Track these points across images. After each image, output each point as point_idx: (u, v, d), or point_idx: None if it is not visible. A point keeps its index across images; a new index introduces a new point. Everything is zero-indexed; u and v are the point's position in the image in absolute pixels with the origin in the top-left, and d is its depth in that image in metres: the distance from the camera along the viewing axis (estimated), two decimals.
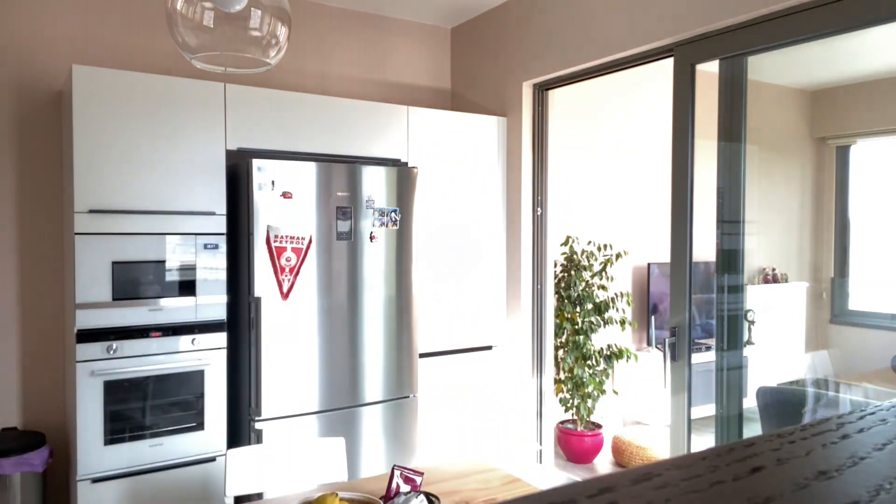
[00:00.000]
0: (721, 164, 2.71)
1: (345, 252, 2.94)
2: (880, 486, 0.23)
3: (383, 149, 3.26)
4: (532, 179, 3.57)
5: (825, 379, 3.57)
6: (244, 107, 2.91)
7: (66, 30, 3.05)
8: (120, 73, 2.68)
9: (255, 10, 1.57)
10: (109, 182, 2.62)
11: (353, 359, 2.98)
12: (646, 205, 4.72)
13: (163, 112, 2.72)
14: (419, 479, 1.89)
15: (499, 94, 3.69)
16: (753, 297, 3.76)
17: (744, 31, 2.48)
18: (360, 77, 3.80)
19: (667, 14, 2.71)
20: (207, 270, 2.79)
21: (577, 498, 0.22)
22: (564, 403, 4.13)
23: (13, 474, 2.64)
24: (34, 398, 3.01)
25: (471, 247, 3.51)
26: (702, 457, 0.26)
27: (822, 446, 0.27)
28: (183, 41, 1.58)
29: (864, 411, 0.32)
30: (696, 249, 2.76)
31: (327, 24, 3.69)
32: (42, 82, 3.01)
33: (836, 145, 3.94)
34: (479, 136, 3.55)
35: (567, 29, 3.21)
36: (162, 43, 3.18)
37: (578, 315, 4.11)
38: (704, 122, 2.72)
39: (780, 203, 3.97)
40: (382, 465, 3.02)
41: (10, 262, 2.96)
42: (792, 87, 4.01)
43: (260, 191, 2.74)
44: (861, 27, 2.24)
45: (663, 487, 0.23)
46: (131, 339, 2.65)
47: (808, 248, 4.07)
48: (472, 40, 3.93)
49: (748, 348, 3.22)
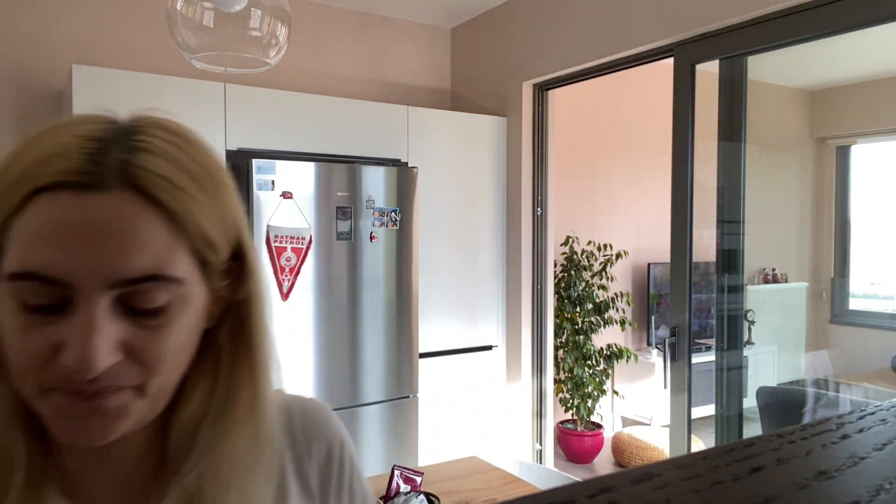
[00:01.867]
0: (721, 164, 2.71)
1: (345, 252, 2.94)
2: (880, 486, 0.23)
3: (383, 149, 3.26)
4: (532, 179, 3.57)
5: (825, 379, 3.57)
6: (244, 107, 2.91)
7: (66, 30, 3.05)
8: (120, 73, 2.68)
9: (255, 10, 1.57)
10: None
11: (353, 358, 2.98)
12: (646, 205, 4.72)
13: (163, 112, 2.72)
14: (419, 479, 1.89)
15: (499, 94, 3.69)
16: (753, 297, 3.76)
17: (744, 31, 2.48)
18: (359, 77, 3.80)
19: (667, 14, 2.71)
20: None
21: (577, 498, 0.22)
22: (564, 403, 4.13)
23: None
24: None
25: (471, 247, 3.51)
26: (702, 457, 0.26)
27: (822, 446, 0.27)
28: (183, 41, 1.58)
29: (864, 411, 0.32)
30: (696, 249, 2.76)
31: (327, 24, 3.69)
32: (42, 82, 3.01)
33: (836, 145, 3.94)
34: (479, 136, 3.55)
35: (567, 29, 3.21)
36: (162, 43, 3.18)
37: (578, 315, 4.11)
38: (704, 122, 2.72)
39: (780, 203, 3.97)
40: (382, 465, 3.02)
41: None
42: (792, 87, 4.01)
43: (260, 191, 2.74)
44: (861, 27, 2.24)
45: (663, 487, 0.23)
46: None
47: (808, 248, 4.08)
48: (472, 40, 3.93)
49: (748, 348, 3.22)
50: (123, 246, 0.46)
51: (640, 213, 4.73)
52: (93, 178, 0.46)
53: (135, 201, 0.47)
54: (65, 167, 0.46)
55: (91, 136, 0.49)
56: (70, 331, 0.46)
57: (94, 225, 0.46)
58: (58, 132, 0.49)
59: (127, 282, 0.47)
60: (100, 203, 0.46)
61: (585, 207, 4.55)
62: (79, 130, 0.49)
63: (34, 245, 0.46)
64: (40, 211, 0.46)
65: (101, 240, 0.46)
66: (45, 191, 0.46)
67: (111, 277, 0.46)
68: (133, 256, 0.47)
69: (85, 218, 0.46)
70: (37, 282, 0.46)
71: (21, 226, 0.46)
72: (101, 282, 0.46)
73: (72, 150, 0.47)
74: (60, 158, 0.47)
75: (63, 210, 0.46)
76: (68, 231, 0.45)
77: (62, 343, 0.46)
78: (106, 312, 0.47)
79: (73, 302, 0.47)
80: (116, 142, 0.49)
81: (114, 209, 0.46)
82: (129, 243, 0.47)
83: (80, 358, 0.45)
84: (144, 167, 0.48)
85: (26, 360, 0.47)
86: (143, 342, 0.49)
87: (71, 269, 0.45)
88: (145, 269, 0.47)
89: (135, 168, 0.48)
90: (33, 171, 0.46)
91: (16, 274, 0.46)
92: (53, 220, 0.45)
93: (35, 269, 0.45)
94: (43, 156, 0.47)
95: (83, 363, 0.45)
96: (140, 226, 0.47)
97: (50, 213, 0.46)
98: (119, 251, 0.46)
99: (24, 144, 0.49)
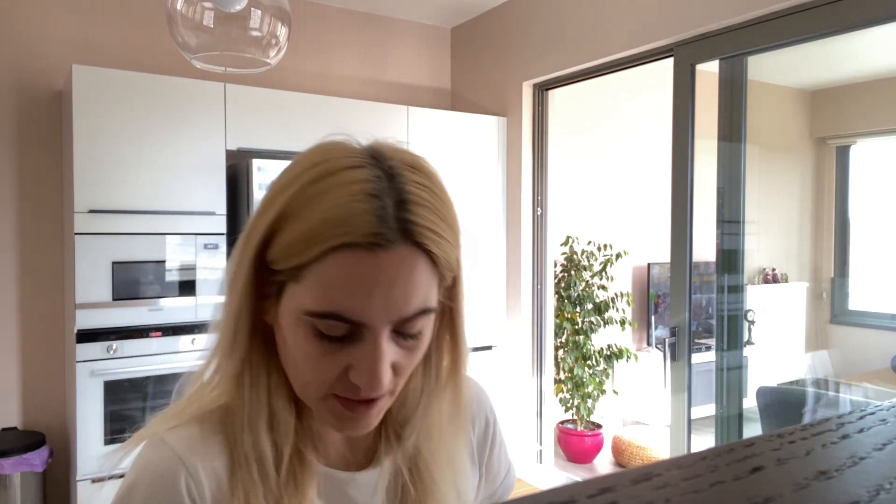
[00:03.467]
0: (721, 164, 2.71)
1: None
2: (880, 486, 0.23)
3: None
4: (532, 179, 3.57)
5: (825, 379, 3.57)
6: (244, 107, 2.91)
7: (66, 30, 3.05)
8: (120, 73, 2.68)
9: (255, 10, 1.57)
10: (109, 182, 2.62)
11: None
12: (646, 205, 4.72)
13: (163, 112, 2.72)
14: None
15: (499, 94, 3.69)
16: (753, 297, 3.76)
17: (744, 31, 2.48)
18: (360, 77, 3.80)
19: (667, 14, 2.71)
20: (207, 270, 2.79)
21: (577, 498, 0.22)
22: (564, 403, 4.13)
23: (13, 474, 2.64)
24: (34, 398, 3.01)
25: (471, 247, 3.51)
26: (702, 457, 0.26)
27: (822, 446, 0.27)
28: (183, 41, 1.58)
29: (864, 411, 0.32)
30: (696, 249, 2.76)
31: (327, 24, 3.69)
32: (42, 82, 3.01)
33: (836, 145, 3.94)
34: (479, 136, 3.55)
35: (567, 29, 3.21)
36: (162, 43, 3.18)
37: (578, 315, 4.11)
38: (704, 122, 2.72)
39: (780, 203, 3.97)
40: None
41: (10, 263, 2.96)
42: (792, 87, 4.01)
43: (260, 191, 2.74)
44: (861, 27, 2.24)
45: (663, 487, 0.23)
46: (131, 340, 2.65)
47: (808, 248, 4.07)
48: (472, 40, 3.93)
49: (748, 348, 3.22)
50: (405, 292, 0.59)
51: (640, 213, 4.72)
52: (381, 238, 0.57)
53: (411, 252, 0.59)
54: (358, 230, 0.57)
55: (369, 193, 0.58)
56: (359, 357, 0.60)
57: (385, 278, 0.58)
58: (338, 188, 0.58)
59: (406, 319, 0.60)
60: (388, 259, 0.58)
61: (585, 207, 4.55)
62: (356, 185, 0.58)
63: (335, 293, 0.58)
64: (338, 265, 0.57)
65: (389, 289, 0.58)
66: (342, 248, 0.57)
67: (395, 316, 0.59)
68: (412, 300, 0.60)
69: (378, 272, 0.58)
70: (337, 320, 0.58)
71: (318, 273, 0.58)
72: (388, 321, 0.59)
73: (359, 212, 0.57)
74: (353, 220, 0.57)
75: (359, 266, 0.57)
76: (364, 284, 0.58)
77: (351, 365, 0.60)
78: (386, 342, 0.60)
79: (359, 333, 0.59)
80: (388, 194, 0.59)
81: (399, 262, 0.58)
82: (409, 289, 0.59)
83: (371, 379, 0.59)
84: (417, 223, 0.59)
85: (318, 375, 0.61)
86: (403, 359, 0.62)
87: (366, 313, 0.58)
88: (418, 307, 0.60)
89: (412, 226, 0.59)
90: (329, 232, 0.57)
91: (321, 313, 0.58)
92: (352, 275, 0.57)
93: (338, 312, 0.58)
94: (339, 217, 0.57)
95: (374, 383, 0.59)
96: (416, 272, 0.59)
97: (348, 268, 0.57)
98: (402, 296, 0.59)
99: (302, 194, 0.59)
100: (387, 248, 0.58)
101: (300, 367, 0.62)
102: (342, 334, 0.59)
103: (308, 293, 0.59)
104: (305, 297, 0.59)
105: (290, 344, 0.62)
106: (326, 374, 0.61)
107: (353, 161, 0.60)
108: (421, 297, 0.60)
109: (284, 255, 0.59)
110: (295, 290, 0.60)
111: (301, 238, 0.58)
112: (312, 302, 0.58)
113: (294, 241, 0.58)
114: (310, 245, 0.57)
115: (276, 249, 0.60)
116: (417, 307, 0.60)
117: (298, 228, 0.58)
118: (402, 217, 0.58)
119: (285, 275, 0.60)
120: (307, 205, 0.58)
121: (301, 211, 0.58)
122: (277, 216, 0.59)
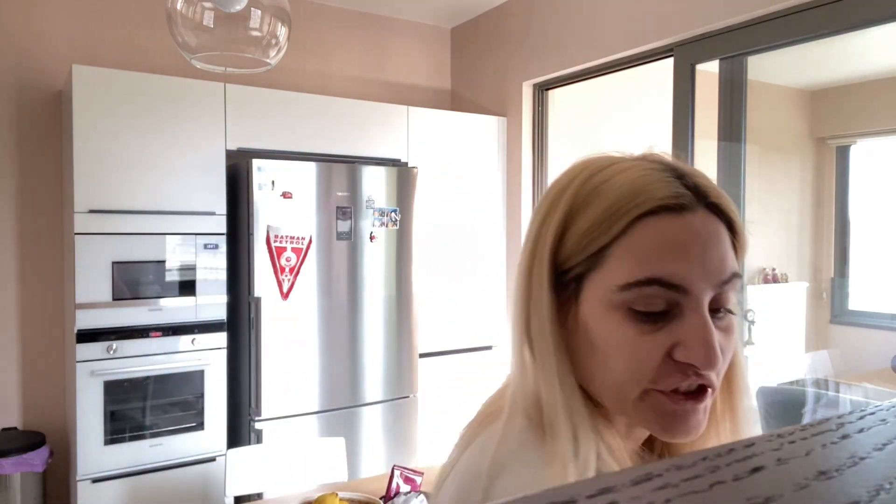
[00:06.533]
0: (721, 164, 2.71)
1: (345, 252, 2.94)
2: (880, 486, 0.23)
3: (383, 149, 3.26)
4: (532, 179, 3.57)
5: (825, 379, 3.57)
6: (244, 107, 2.91)
7: (66, 30, 3.05)
8: (120, 73, 2.68)
9: (255, 10, 1.57)
10: (109, 182, 2.62)
11: (353, 359, 2.98)
12: None
13: (163, 112, 2.72)
14: (419, 479, 1.89)
15: (499, 94, 3.69)
16: (753, 297, 3.76)
17: (744, 31, 2.48)
18: (359, 77, 3.80)
19: (667, 14, 2.71)
20: (207, 270, 2.79)
21: (577, 498, 0.22)
22: None
23: (13, 474, 2.64)
24: (34, 398, 3.01)
25: (471, 247, 3.51)
26: (702, 457, 0.26)
27: (822, 446, 0.27)
28: (183, 41, 1.58)
29: (864, 411, 0.32)
30: None
31: (327, 24, 3.69)
32: (42, 82, 3.01)
33: (836, 145, 3.94)
34: (479, 136, 3.55)
35: (567, 29, 3.21)
36: (162, 43, 3.18)
37: None
38: (704, 122, 2.72)
39: (780, 203, 3.97)
40: (382, 465, 3.02)
41: (10, 262, 2.96)
42: (792, 87, 4.01)
43: (260, 191, 2.74)
44: (861, 27, 2.24)
45: (663, 488, 0.23)
46: (131, 339, 2.65)
47: (808, 248, 4.07)
48: (472, 40, 3.93)
49: (748, 348, 3.22)
50: (719, 252, 0.57)
51: None
52: (685, 199, 0.56)
53: (712, 216, 0.57)
54: (663, 194, 0.56)
55: (658, 169, 0.58)
56: (686, 331, 0.55)
57: (699, 238, 0.56)
58: (622, 172, 0.58)
59: (723, 282, 0.56)
60: (697, 221, 0.56)
61: None
62: (639, 166, 0.59)
63: (652, 258, 0.55)
64: (648, 232, 0.55)
65: (704, 250, 0.56)
66: (647, 215, 0.55)
67: (715, 279, 0.56)
68: (727, 260, 0.57)
69: (691, 233, 0.56)
70: (657, 287, 0.55)
71: (627, 245, 0.56)
72: (708, 285, 0.56)
73: (655, 180, 0.57)
74: (652, 188, 0.56)
75: (671, 228, 0.55)
76: (680, 245, 0.55)
77: (677, 342, 0.55)
78: (708, 315, 0.56)
79: (678, 307, 0.56)
80: (673, 173, 0.58)
81: (706, 224, 0.56)
82: (722, 250, 0.57)
83: (707, 349, 0.54)
84: (711, 191, 0.58)
85: (637, 365, 0.56)
86: (723, 341, 0.57)
87: (687, 275, 0.55)
88: (732, 269, 0.57)
89: (707, 190, 0.58)
90: (631, 202, 0.56)
91: (638, 281, 0.55)
92: (667, 238, 0.55)
93: (659, 276, 0.55)
94: (637, 188, 0.56)
95: (710, 353, 0.54)
96: (723, 235, 0.57)
97: (661, 231, 0.55)
98: (717, 257, 0.56)
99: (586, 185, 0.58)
100: (693, 210, 0.56)
101: (613, 363, 0.57)
102: (661, 309, 0.55)
103: (618, 269, 0.56)
104: (615, 274, 0.56)
105: (599, 340, 0.58)
106: (647, 361, 0.56)
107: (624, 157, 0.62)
108: (731, 261, 0.58)
109: (583, 243, 0.58)
110: (599, 275, 0.57)
111: (600, 219, 0.57)
112: (627, 274, 0.56)
113: (592, 225, 0.57)
114: (612, 222, 0.56)
115: (570, 244, 0.58)
116: (732, 269, 0.57)
117: (594, 213, 0.57)
118: (696, 184, 0.58)
119: (583, 266, 0.58)
120: (595, 193, 0.58)
121: (591, 199, 0.58)
122: (565, 214, 0.59)
